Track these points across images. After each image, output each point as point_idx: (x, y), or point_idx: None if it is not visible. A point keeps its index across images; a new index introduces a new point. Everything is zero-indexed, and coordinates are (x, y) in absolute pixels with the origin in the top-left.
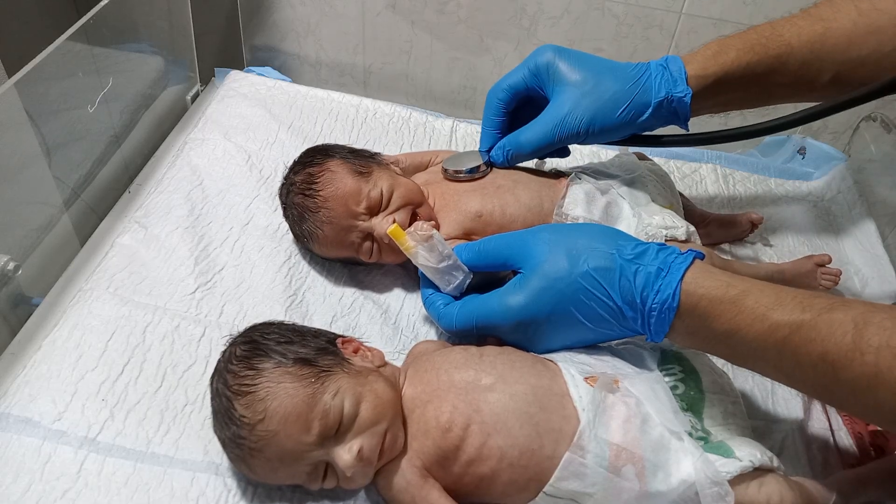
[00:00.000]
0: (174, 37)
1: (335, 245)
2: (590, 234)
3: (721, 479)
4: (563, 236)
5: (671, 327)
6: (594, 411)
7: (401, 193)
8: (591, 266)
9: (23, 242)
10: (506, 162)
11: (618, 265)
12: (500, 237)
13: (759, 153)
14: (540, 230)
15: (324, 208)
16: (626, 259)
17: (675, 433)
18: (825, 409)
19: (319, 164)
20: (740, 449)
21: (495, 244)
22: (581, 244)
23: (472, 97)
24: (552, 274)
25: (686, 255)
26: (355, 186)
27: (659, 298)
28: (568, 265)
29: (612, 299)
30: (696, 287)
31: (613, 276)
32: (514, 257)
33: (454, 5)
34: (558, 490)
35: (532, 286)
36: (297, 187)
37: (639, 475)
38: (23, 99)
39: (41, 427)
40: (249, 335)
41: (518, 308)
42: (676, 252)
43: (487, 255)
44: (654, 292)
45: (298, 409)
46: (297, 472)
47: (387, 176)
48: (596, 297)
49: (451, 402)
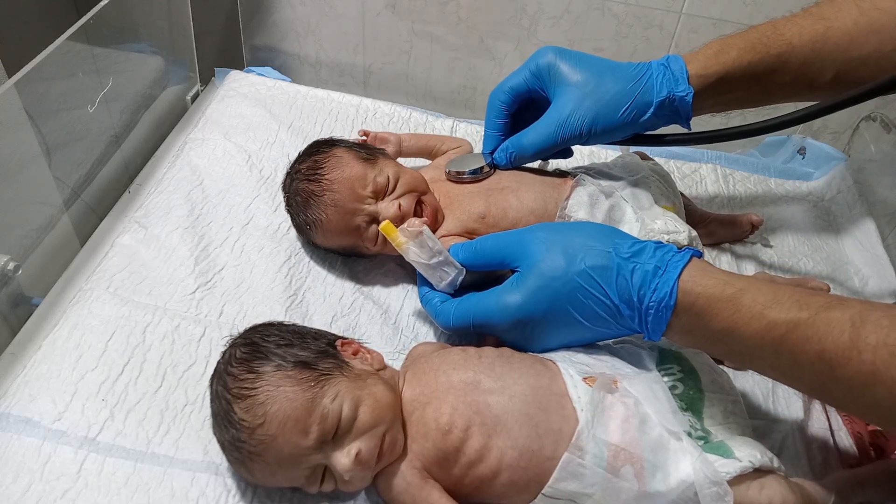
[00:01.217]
0: (174, 37)
1: (339, 231)
2: (587, 233)
3: (720, 479)
4: (559, 235)
5: (668, 326)
6: (592, 412)
7: (406, 180)
8: (587, 264)
9: (23, 242)
10: (508, 164)
11: (615, 263)
12: (497, 236)
13: (760, 153)
14: (536, 229)
15: (329, 191)
16: (623, 257)
17: (674, 433)
18: (825, 409)
19: (325, 152)
20: (740, 449)
21: (492, 243)
22: (578, 242)
23: (472, 97)
24: (549, 272)
25: (683, 253)
26: (361, 171)
27: (656, 297)
28: (565, 264)
29: (609, 298)
30: (694, 285)
31: (610, 275)
32: (511, 256)
33: (454, 5)
34: (557, 491)
35: (529, 285)
36: (302, 174)
37: (637, 475)
38: (23, 99)
39: (41, 427)
40: (249, 337)
41: (515, 307)
42: (674, 250)
43: (484, 254)
44: (651, 290)
45: (297, 414)
46: (296, 476)
47: (392, 164)
48: (593, 296)
49: (451, 403)
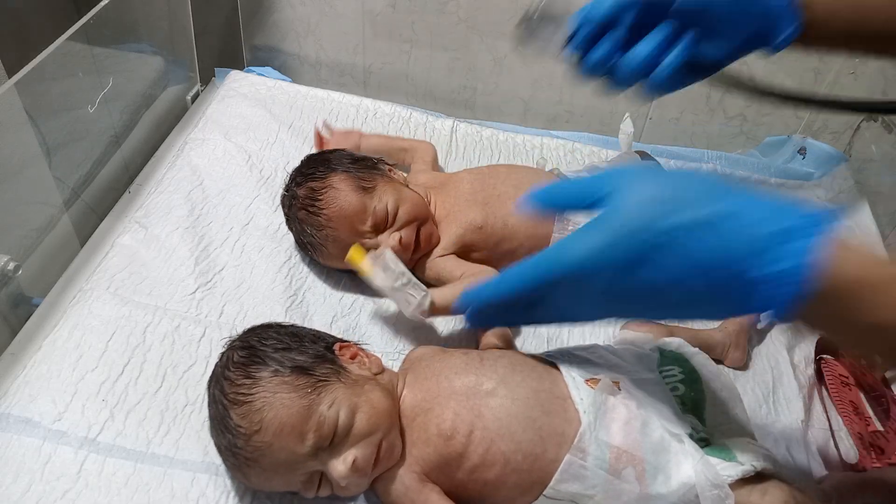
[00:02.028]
0: (174, 37)
1: (341, 260)
2: (701, 182)
3: (721, 481)
4: (664, 177)
5: (801, 311)
6: (595, 414)
7: (406, 210)
8: (692, 218)
9: (23, 242)
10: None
11: (728, 220)
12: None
13: (760, 153)
14: (632, 169)
15: (328, 227)
16: (741, 216)
17: (676, 435)
18: (825, 409)
19: (322, 179)
20: (743, 453)
21: (569, 186)
22: (690, 191)
23: (472, 97)
24: (637, 219)
25: (825, 216)
26: (360, 205)
27: (786, 272)
28: (663, 212)
29: (715, 265)
30: (843, 261)
31: (722, 236)
32: (595, 192)
33: (454, 5)
34: (558, 492)
35: (608, 226)
36: (299, 202)
37: (639, 477)
38: (23, 99)
39: (41, 427)
40: (247, 339)
41: (585, 251)
42: (814, 214)
43: (561, 197)
44: (778, 261)
45: (293, 421)
46: (292, 482)
47: (391, 190)
48: (693, 260)
49: (453, 408)
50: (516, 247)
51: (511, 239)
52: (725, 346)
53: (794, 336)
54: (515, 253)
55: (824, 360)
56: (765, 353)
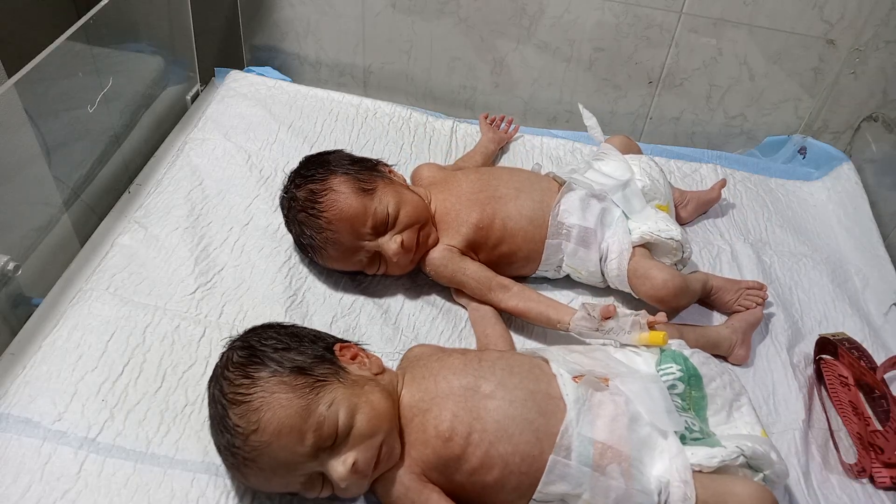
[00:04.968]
0: (174, 37)
1: (341, 262)
2: None
3: (688, 478)
4: None
5: None
6: (578, 409)
7: (407, 212)
8: None
9: (23, 242)
10: None
11: None
12: None
13: (760, 153)
14: None
15: (328, 230)
16: None
17: (662, 432)
18: (825, 409)
19: (322, 182)
20: (731, 440)
21: None
22: None
23: (472, 97)
24: None
25: None
26: (360, 207)
27: None
28: None
29: None
30: None
31: None
32: None
33: (454, 5)
34: (547, 495)
35: None
36: (299, 204)
37: (624, 474)
38: (23, 99)
39: (41, 427)
40: (247, 339)
41: None
42: None
43: None
44: None
45: (292, 421)
46: (292, 482)
47: (391, 192)
48: None
49: (451, 409)
50: (515, 250)
51: (511, 239)
52: (732, 342)
53: (794, 336)
54: (514, 256)
55: (824, 360)
56: (765, 354)
